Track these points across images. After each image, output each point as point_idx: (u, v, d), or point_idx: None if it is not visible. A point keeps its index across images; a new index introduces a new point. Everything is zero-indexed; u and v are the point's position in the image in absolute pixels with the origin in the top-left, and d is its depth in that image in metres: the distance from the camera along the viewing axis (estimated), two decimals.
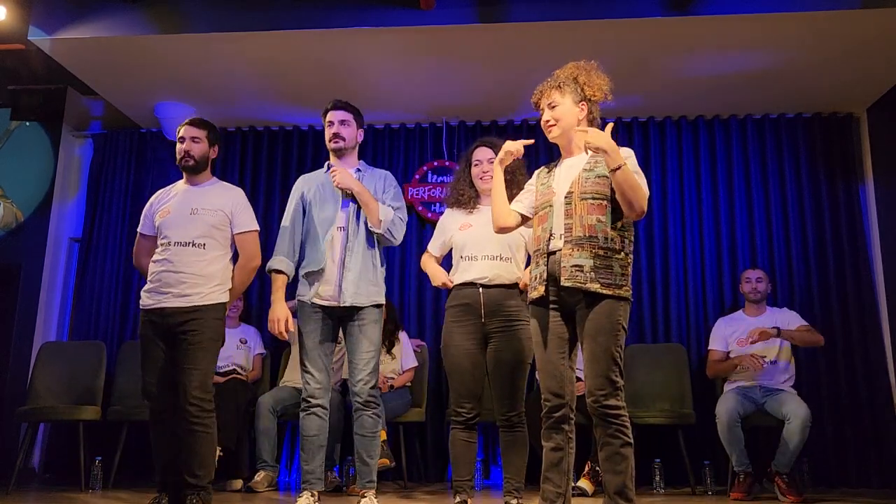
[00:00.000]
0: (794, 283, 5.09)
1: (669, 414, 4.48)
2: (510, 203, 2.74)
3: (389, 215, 3.24)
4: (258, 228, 3.33)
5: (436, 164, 5.53)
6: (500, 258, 3.07)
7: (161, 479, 3.12)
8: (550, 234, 2.51)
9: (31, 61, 5.02)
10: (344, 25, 4.34)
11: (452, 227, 3.22)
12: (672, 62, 4.67)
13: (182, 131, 3.29)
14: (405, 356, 4.71)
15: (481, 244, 3.08)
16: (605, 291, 2.39)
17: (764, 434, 4.58)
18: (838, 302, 5.03)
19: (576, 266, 2.41)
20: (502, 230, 2.74)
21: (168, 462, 3.10)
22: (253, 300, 5.36)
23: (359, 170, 3.35)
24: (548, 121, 2.59)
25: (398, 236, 3.28)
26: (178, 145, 3.28)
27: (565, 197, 2.50)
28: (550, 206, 2.55)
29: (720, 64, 4.69)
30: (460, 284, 3.11)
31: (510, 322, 3.04)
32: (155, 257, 3.20)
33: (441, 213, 3.72)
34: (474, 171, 3.20)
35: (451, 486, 3.29)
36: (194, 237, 3.14)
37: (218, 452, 4.22)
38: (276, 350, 5.08)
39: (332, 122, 3.33)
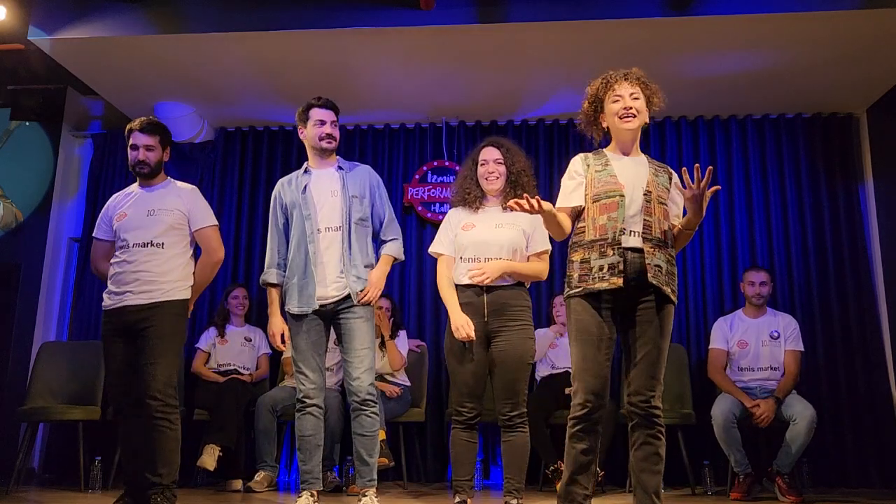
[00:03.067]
0: (793, 282, 5.09)
1: (669, 414, 4.43)
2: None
3: (400, 252, 3.33)
4: (216, 223, 3.30)
5: (436, 164, 5.53)
6: (502, 261, 3.06)
7: (123, 480, 3.10)
8: (624, 229, 2.47)
9: (30, 61, 5.02)
10: (344, 25, 4.34)
11: (457, 226, 3.20)
12: (672, 62, 4.67)
13: (134, 139, 3.23)
14: (400, 348, 4.67)
15: (483, 247, 3.08)
16: (673, 297, 2.49)
17: (765, 435, 4.58)
18: (838, 302, 5.03)
19: (657, 266, 2.46)
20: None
21: (128, 461, 3.09)
22: (255, 300, 5.36)
23: (340, 167, 3.34)
24: (630, 108, 2.57)
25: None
26: (131, 153, 3.25)
27: (645, 194, 2.50)
28: (621, 195, 2.49)
29: (720, 64, 4.69)
30: (463, 286, 3.11)
31: (513, 322, 3.03)
32: (113, 259, 3.19)
33: (441, 213, 3.74)
34: (480, 170, 3.18)
35: (450, 486, 3.28)
36: (152, 237, 3.14)
37: (217, 452, 4.22)
38: (277, 351, 5.06)
39: (323, 122, 3.29)
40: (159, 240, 3.14)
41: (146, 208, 3.19)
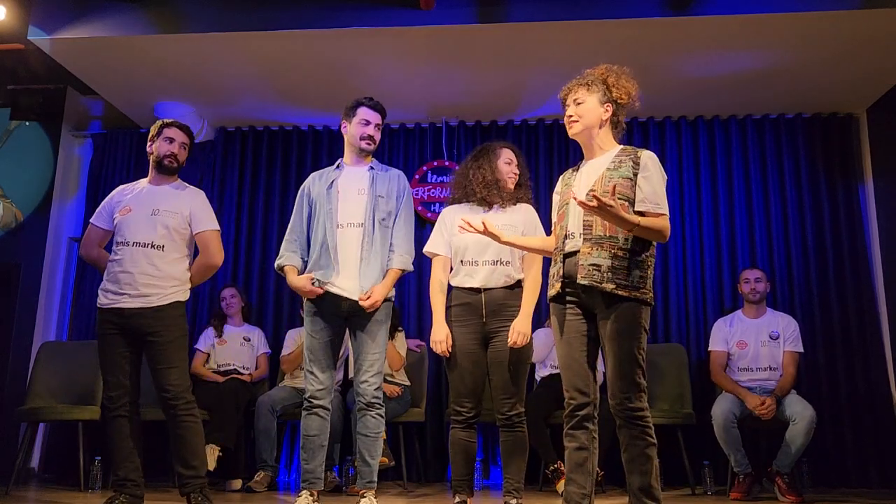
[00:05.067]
0: (793, 283, 5.09)
1: (669, 414, 4.48)
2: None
3: (408, 263, 3.27)
4: (218, 228, 3.31)
5: (435, 164, 5.53)
6: (500, 262, 3.06)
7: (122, 476, 3.09)
8: (567, 234, 2.51)
9: (30, 61, 5.02)
10: (344, 25, 4.34)
11: (453, 226, 3.18)
12: (672, 62, 4.67)
13: (171, 133, 3.27)
14: (398, 349, 4.69)
15: (481, 249, 3.08)
16: (620, 293, 2.39)
17: (765, 435, 4.58)
18: (838, 302, 5.04)
19: (593, 265, 2.41)
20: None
21: (124, 459, 3.09)
22: (254, 300, 5.36)
23: (372, 167, 3.34)
24: (570, 116, 2.57)
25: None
26: (164, 144, 3.25)
27: (587, 194, 2.49)
28: (567, 204, 2.55)
29: (720, 64, 4.69)
30: (462, 288, 3.11)
31: (511, 322, 3.03)
32: (113, 256, 3.18)
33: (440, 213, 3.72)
34: (505, 168, 3.17)
35: (450, 486, 3.28)
36: (153, 238, 3.15)
37: (217, 452, 4.22)
38: (277, 351, 5.06)
39: (368, 122, 3.28)
40: (160, 242, 3.15)
41: (151, 207, 3.18)
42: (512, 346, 2.98)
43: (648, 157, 2.49)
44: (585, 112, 2.55)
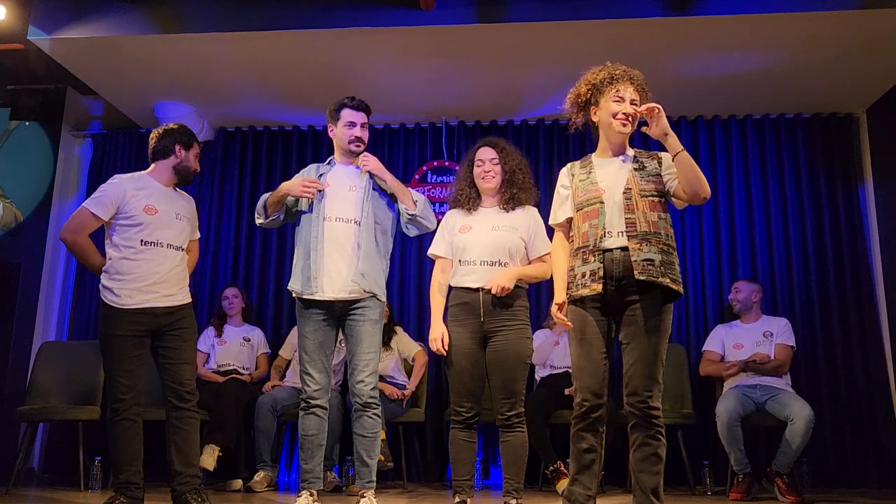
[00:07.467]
0: (793, 283, 5.09)
1: (669, 414, 4.44)
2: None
3: (422, 199, 3.31)
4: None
5: (436, 164, 5.53)
6: (499, 263, 3.05)
7: (124, 479, 3.08)
8: (605, 232, 2.50)
9: (30, 61, 5.02)
10: (344, 25, 4.34)
11: (454, 228, 3.20)
12: (672, 62, 4.67)
13: (198, 149, 3.37)
14: (408, 345, 4.70)
15: (480, 249, 3.07)
16: (674, 287, 2.43)
17: (764, 434, 4.58)
18: (838, 302, 5.03)
19: (647, 260, 2.43)
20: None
21: (129, 461, 3.09)
22: (254, 300, 5.36)
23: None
24: (629, 114, 2.57)
25: (432, 219, 3.34)
26: (194, 160, 3.34)
27: (624, 192, 2.50)
28: (601, 202, 2.53)
29: (720, 64, 4.69)
30: (461, 288, 3.11)
31: (510, 321, 3.02)
32: (138, 255, 3.10)
33: (441, 213, 3.74)
34: (476, 170, 3.19)
35: (450, 486, 3.28)
36: (180, 241, 3.26)
37: (217, 452, 4.22)
38: (277, 351, 5.06)
39: (353, 123, 3.29)
40: (182, 244, 3.26)
41: (174, 210, 3.25)
42: (493, 292, 2.98)
43: (669, 158, 2.59)
44: (636, 116, 2.58)
